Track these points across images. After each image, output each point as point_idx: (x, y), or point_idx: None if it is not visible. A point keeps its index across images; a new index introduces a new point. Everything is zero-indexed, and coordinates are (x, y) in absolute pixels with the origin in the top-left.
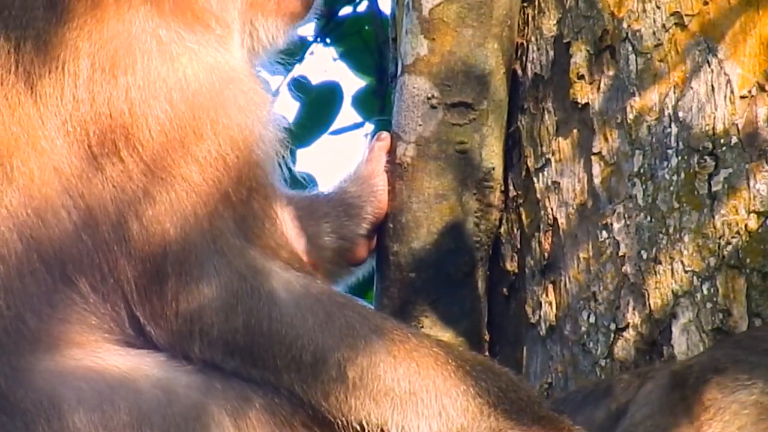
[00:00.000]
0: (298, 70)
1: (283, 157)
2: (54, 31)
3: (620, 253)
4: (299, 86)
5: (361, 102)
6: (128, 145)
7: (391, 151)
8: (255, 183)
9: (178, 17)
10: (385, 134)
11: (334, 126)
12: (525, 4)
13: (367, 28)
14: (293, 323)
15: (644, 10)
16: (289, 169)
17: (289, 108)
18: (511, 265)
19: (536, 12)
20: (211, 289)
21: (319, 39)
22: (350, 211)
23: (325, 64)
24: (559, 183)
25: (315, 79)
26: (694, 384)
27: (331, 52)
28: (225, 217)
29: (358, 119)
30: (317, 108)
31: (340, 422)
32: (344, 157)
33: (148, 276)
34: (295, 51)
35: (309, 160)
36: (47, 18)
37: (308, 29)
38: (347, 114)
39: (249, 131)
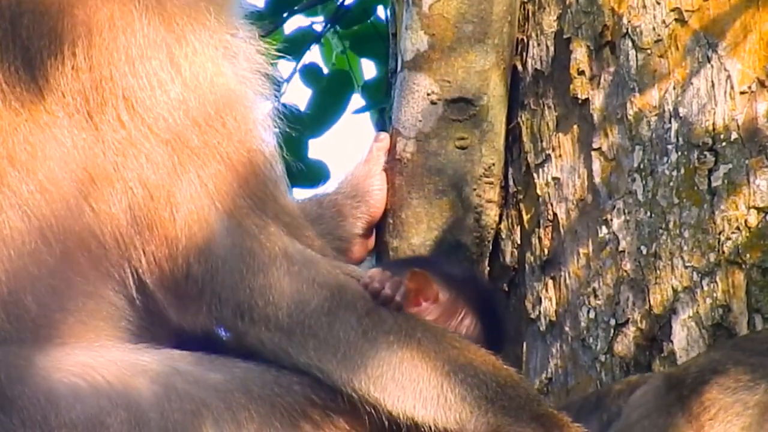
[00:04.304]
0: (308, 57)
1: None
2: (50, 2)
3: (620, 249)
4: (311, 73)
5: (372, 91)
6: (128, 106)
7: (391, 151)
8: (264, 158)
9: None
10: (383, 135)
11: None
12: (525, 0)
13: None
14: (308, 285)
15: (644, 6)
16: (303, 158)
17: (298, 97)
18: (511, 261)
19: (536, 8)
20: (224, 249)
21: (329, 25)
22: (343, 211)
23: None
24: (559, 179)
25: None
26: (692, 384)
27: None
28: (230, 181)
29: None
30: (328, 97)
31: (338, 389)
32: (358, 142)
33: (157, 241)
34: (305, 39)
35: (323, 146)
36: None
37: (318, 18)
38: (358, 103)
39: (258, 123)
